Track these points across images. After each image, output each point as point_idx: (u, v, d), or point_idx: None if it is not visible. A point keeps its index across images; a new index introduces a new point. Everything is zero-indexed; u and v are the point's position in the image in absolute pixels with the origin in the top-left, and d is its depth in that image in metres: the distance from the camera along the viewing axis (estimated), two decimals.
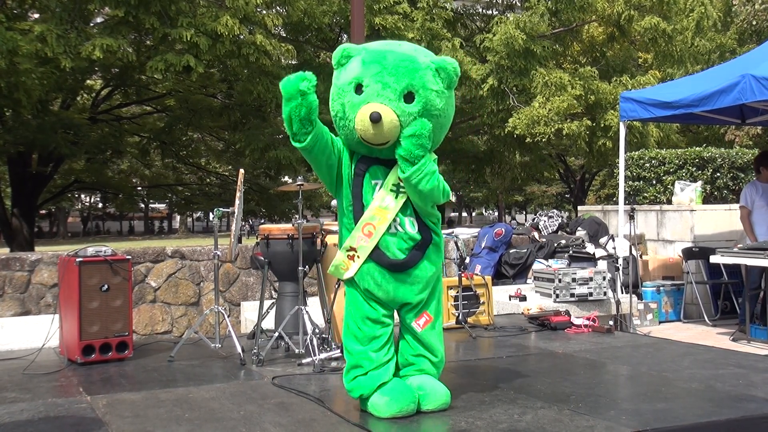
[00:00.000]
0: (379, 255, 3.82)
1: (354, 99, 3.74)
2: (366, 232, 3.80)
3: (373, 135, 3.69)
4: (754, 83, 6.42)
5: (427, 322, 3.97)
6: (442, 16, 14.14)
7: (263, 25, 12.23)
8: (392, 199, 3.83)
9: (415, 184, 3.73)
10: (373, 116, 3.62)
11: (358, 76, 3.74)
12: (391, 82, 3.70)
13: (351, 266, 3.85)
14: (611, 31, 15.88)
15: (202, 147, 20.19)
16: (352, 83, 3.75)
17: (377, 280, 3.84)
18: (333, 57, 3.89)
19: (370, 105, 3.68)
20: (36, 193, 16.19)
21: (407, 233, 3.85)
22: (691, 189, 9.22)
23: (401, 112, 3.71)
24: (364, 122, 3.67)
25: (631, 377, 4.82)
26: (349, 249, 3.84)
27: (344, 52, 3.85)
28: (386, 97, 3.69)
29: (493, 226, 9.75)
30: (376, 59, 3.77)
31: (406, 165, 3.71)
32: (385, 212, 3.81)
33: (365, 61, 3.77)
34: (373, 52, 3.83)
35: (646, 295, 8.41)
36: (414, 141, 3.68)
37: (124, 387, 4.54)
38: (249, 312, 7.37)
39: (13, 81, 10.49)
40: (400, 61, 3.76)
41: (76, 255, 5.23)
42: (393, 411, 3.75)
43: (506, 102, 13.91)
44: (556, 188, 43.44)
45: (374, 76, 3.71)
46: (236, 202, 5.29)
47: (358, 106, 3.72)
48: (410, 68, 3.75)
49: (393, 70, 3.72)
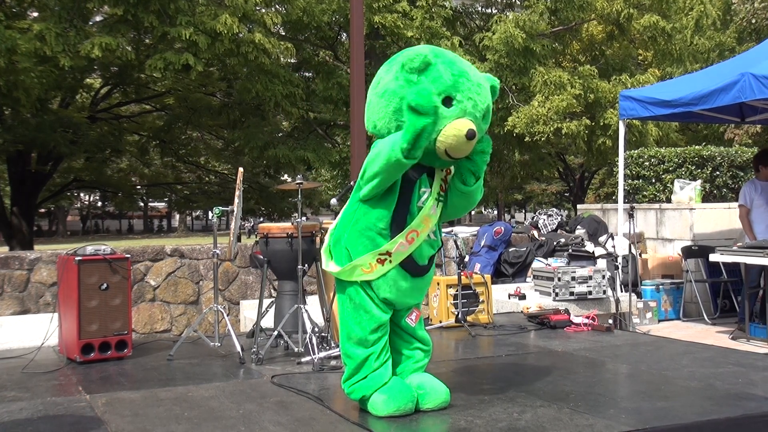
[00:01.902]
0: (410, 261, 3.83)
1: (443, 111, 3.63)
2: (409, 239, 3.79)
3: (463, 150, 3.70)
4: (754, 82, 6.42)
5: (417, 316, 4.05)
6: (441, 15, 14.15)
7: (262, 23, 12.23)
8: (435, 208, 3.87)
9: (472, 194, 3.89)
10: (470, 134, 3.61)
11: (449, 89, 3.65)
12: (479, 101, 3.73)
13: (376, 270, 3.79)
14: (611, 29, 15.89)
15: (202, 145, 20.20)
16: (442, 95, 3.64)
17: (399, 285, 3.83)
18: (410, 61, 3.68)
19: (465, 121, 3.65)
20: (35, 192, 16.20)
21: (437, 241, 3.96)
22: (690, 187, 9.22)
23: (480, 131, 3.77)
24: (458, 137, 3.62)
25: (631, 376, 4.82)
26: (383, 253, 3.78)
27: (425, 58, 3.68)
28: (474, 115, 3.71)
29: (492, 224, 9.75)
30: (461, 74, 3.71)
31: (472, 179, 3.82)
32: (429, 221, 3.84)
33: (454, 75, 3.70)
34: (454, 64, 3.75)
35: (646, 294, 8.41)
36: (484, 158, 3.82)
37: (124, 386, 4.53)
38: (248, 311, 7.37)
39: (12, 80, 10.49)
40: (479, 80, 3.80)
41: (75, 254, 5.22)
42: (391, 409, 3.75)
43: (506, 101, 13.91)
44: (556, 187, 43.46)
45: (466, 92, 3.68)
46: (235, 201, 5.28)
47: (448, 119, 3.65)
48: (486, 88, 3.82)
49: (478, 89, 3.74)
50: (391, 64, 3.86)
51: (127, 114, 18.21)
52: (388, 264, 3.78)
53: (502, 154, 16.85)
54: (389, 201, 3.79)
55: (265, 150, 14.14)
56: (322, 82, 14.27)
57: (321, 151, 14.33)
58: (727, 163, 10.21)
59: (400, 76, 3.73)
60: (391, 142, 3.62)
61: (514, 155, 16.96)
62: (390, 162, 3.60)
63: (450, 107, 3.66)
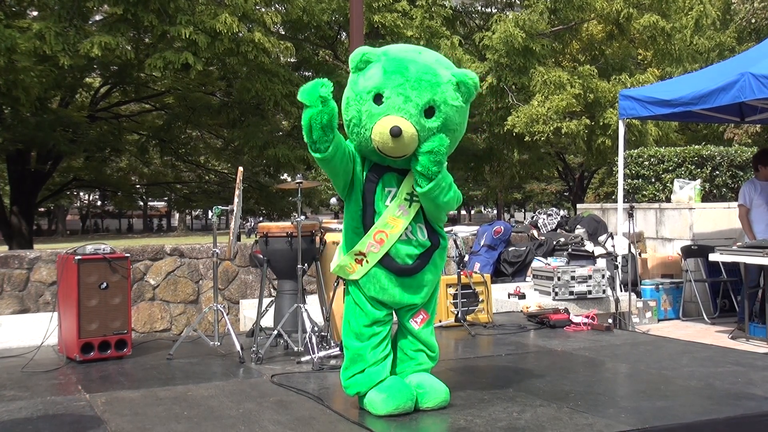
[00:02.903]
0: (389, 261, 3.81)
1: (373, 109, 3.65)
2: (377, 239, 3.78)
3: (391, 148, 3.64)
4: (753, 81, 6.42)
5: (423, 320, 3.98)
6: (441, 14, 14.14)
7: (262, 22, 12.22)
8: (406, 209, 3.81)
9: (433, 198, 3.75)
10: (394, 131, 3.56)
11: (379, 86, 3.65)
12: (413, 96, 3.63)
13: (357, 269, 3.83)
14: (610, 29, 15.87)
15: (201, 145, 20.18)
16: (372, 92, 3.65)
17: (383, 284, 3.82)
18: (351, 60, 3.77)
19: (390, 118, 3.61)
20: (35, 191, 16.19)
21: (418, 240, 3.86)
22: (690, 187, 9.22)
23: (421, 127, 3.66)
24: (383, 135, 3.60)
25: (630, 375, 4.82)
26: (357, 253, 3.80)
27: (363, 56, 3.72)
28: (407, 111, 3.63)
29: (492, 224, 9.74)
30: (397, 69, 3.67)
31: (424, 180, 3.69)
32: (398, 222, 3.79)
33: (387, 70, 3.67)
34: (395, 61, 3.72)
35: (645, 293, 8.41)
36: (431, 158, 3.65)
37: (123, 385, 4.53)
38: (248, 310, 7.37)
39: (11, 79, 10.49)
40: (423, 74, 3.68)
41: (74, 253, 5.22)
42: (390, 408, 3.75)
43: (505, 100, 13.91)
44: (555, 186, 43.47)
45: (396, 87, 3.63)
46: (235, 200, 5.28)
47: (377, 116, 3.64)
48: (432, 82, 3.69)
49: (415, 83, 3.65)
50: None
51: (127, 113, 18.20)
52: (366, 264, 3.80)
53: (502, 153, 16.85)
54: (355, 199, 3.84)
55: (265, 149, 14.12)
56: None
57: None
58: (727, 162, 10.21)
59: (351, 76, 3.83)
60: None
61: (513, 155, 16.95)
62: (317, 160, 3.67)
63: (380, 104, 3.66)
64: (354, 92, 3.74)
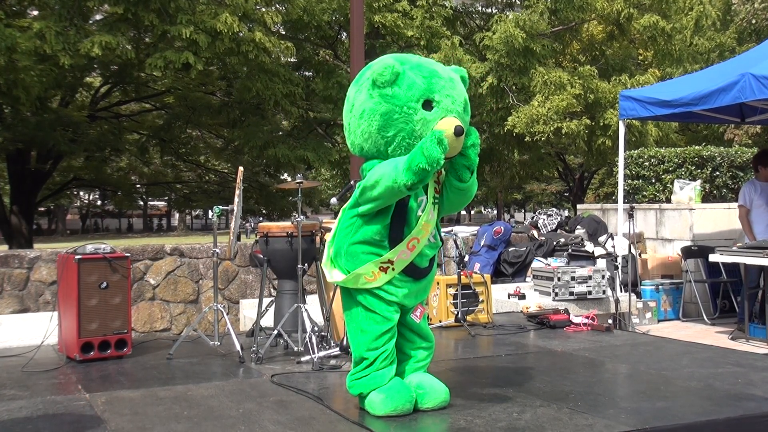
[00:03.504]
0: (412, 267, 3.83)
1: (427, 116, 3.65)
2: (410, 247, 3.79)
3: (454, 148, 3.68)
4: (754, 82, 6.41)
5: (422, 312, 4.06)
6: (441, 14, 14.15)
7: (262, 22, 12.23)
8: (433, 212, 3.85)
9: (469, 190, 3.86)
10: (458, 130, 3.60)
11: (426, 92, 3.66)
12: (455, 95, 3.74)
13: (379, 278, 3.79)
14: (611, 29, 15.88)
15: (201, 144, 20.19)
16: (420, 100, 3.66)
17: (404, 290, 3.84)
18: (379, 75, 3.67)
19: (449, 120, 3.65)
20: (35, 191, 16.20)
21: (437, 242, 3.94)
22: (690, 188, 9.22)
23: (465, 123, 3.77)
24: (448, 137, 3.60)
25: (630, 376, 4.82)
26: (385, 261, 3.77)
27: (393, 69, 3.67)
28: (456, 110, 3.72)
29: (492, 224, 9.74)
30: (432, 73, 3.73)
31: (467, 173, 3.79)
32: (428, 226, 3.83)
33: (424, 76, 3.69)
34: (420, 66, 3.75)
35: (645, 294, 8.41)
36: (475, 151, 3.78)
37: (123, 385, 4.53)
38: (248, 310, 7.37)
39: (12, 78, 10.49)
40: (450, 73, 3.81)
41: (75, 252, 5.22)
42: (388, 409, 3.75)
43: (505, 100, 13.91)
44: (556, 186, 43.46)
45: (441, 90, 3.69)
46: (235, 200, 5.28)
47: (433, 122, 3.65)
48: (458, 81, 3.84)
49: (451, 84, 3.75)
50: (359, 83, 3.84)
51: (127, 113, 18.21)
52: (390, 272, 3.78)
53: (502, 153, 16.85)
54: (384, 215, 3.78)
55: (265, 149, 14.13)
56: (322, 82, 14.27)
57: (321, 150, 14.33)
58: (727, 163, 10.21)
59: (373, 93, 3.71)
60: (394, 172, 3.58)
61: (513, 155, 16.97)
62: (393, 191, 3.61)
63: (431, 110, 3.67)
64: (396, 105, 3.66)
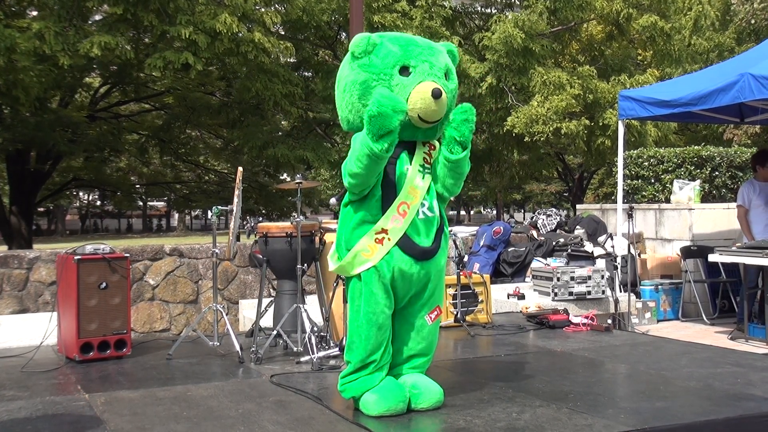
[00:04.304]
0: (410, 244, 3.78)
1: (403, 81, 3.73)
2: (401, 212, 3.77)
3: (434, 111, 3.73)
4: (753, 82, 6.42)
5: (438, 315, 4.01)
6: (440, 14, 14.13)
7: (262, 22, 12.22)
8: (421, 179, 3.85)
9: (461, 166, 3.86)
10: (435, 92, 3.67)
11: (402, 58, 3.75)
12: (434, 61, 3.80)
13: (377, 252, 3.74)
14: (610, 29, 15.87)
15: (201, 145, 20.18)
16: (396, 66, 3.75)
17: (406, 271, 3.79)
18: (356, 46, 3.79)
19: (427, 83, 3.72)
20: (34, 191, 16.19)
21: (435, 215, 3.89)
22: (689, 188, 9.22)
23: (447, 89, 3.80)
24: (425, 100, 3.69)
25: (630, 376, 4.82)
26: (379, 231, 3.75)
27: (370, 39, 3.79)
28: (435, 75, 3.78)
29: (491, 224, 9.75)
30: (408, 42, 3.84)
31: (458, 148, 3.81)
32: (417, 191, 3.82)
33: (401, 45, 3.79)
34: (398, 37, 3.89)
35: (645, 294, 8.41)
36: (469, 126, 3.79)
37: (123, 385, 4.53)
38: (247, 310, 7.37)
39: (11, 78, 10.48)
40: (428, 44, 3.90)
41: (74, 253, 5.22)
42: (382, 409, 3.74)
43: (505, 100, 13.90)
44: (555, 187, 43.47)
45: (418, 56, 3.77)
46: (235, 200, 5.28)
47: (411, 86, 3.73)
48: (438, 50, 3.90)
49: (429, 50, 3.82)
50: (345, 60, 3.97)
51: (127, 113, 18.20)
52: (387, 242, 3.75)
53: (501, 154, 16.84)
54: (374, 191, 3.80)
55: (265, 149, 14.12)
56: (322, 82, 14.26)
57: (320, 150, 14.32)
58: (726, 163, 10.22)
59: (353, 64, 3.84)
60: (362, 143, 3.61)
61: (513, 155, 16.96)
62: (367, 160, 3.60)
63: (408, 75, 3.74)
64: (373, 73, 3.77)
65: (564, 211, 17.68)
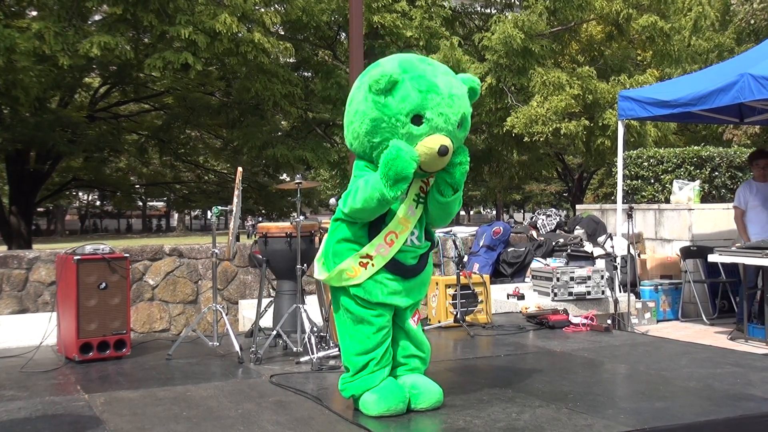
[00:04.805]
0: (396, 264, 3.80)
1: (414, 131, 3.63)
2: (388, 241, 3.77)
3: (436, 166, 3.70)
4: (753, 82, 6.42)
5: (419, 318, 4.06)
6: (440, 15, 14.15)
7: (261, 23, 12.23)
8: (414, 209, 3.84)
9: (451, 207, 3.87)
10: (442, 150, 3.60)
11: (417, 107, 3.61)
12: (450, 113, 3.67)
13: (360, 273, 3.77)
14: (610, 30, 15.88)
15: (200, 145, 20.20)
16: (410, 114, 3.62)
17: (393, 289, 3.81)
18: (375, 81, 3.62)
19: (436, 137, 3.62)
20: (34, 191, 16.21)
21: (422, 243, 3.92)
22: (689, 188, 9.22)
23: (456, 140, 3.74)
24: (430, 155, 3.61)
25: (629, 376, 4.82)
26: (364, 256, 3.76)
27: (390, 77, 3.61)
28: (448, 129, 3.67)
29: (491, 224, 9.74)
30: (430, 87, 3.64)
31: (449, 190, 3.79)
32: (407, 222, 3.82)
33: (420, 90, 3.62)
34: (421, 78, 3.66)
35: (644, 294, 8.41)
36: (462, 170, 3.77)
37: (122, 385, 4.53)
38: (247, 310, 7.37)
39: (11, 79, 10.50)
40: (451, 89, 3.71)
41: (74, 253, 5.22)
42: (381, 409, 3.74)
43: (504, 101, 13.92)
44: (555, 187, 43.49)
45: (435, 107, 3.63)
46: (234, 200, 5.28)
47: (419, 138, 3.64)
48: (460, 96, 3.75)
49: (449, 99, 3.67)
50: (362, 80, 3.81)
51: (126, 113, 18.21)
52: (371, 267, 3.77)
53: (501, 154, 16.86)
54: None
55: (264, 149, 14.13)
56: (321, 82, 14.28)
57: (320, 150, 14.34)
58: (726, 163, 10.22)
59: (368, 96, 3.69)
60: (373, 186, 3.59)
61: (512, 155, 16.97)
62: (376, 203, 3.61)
63: (420, 125, 3.64)
64: (386, 115, 3.64)
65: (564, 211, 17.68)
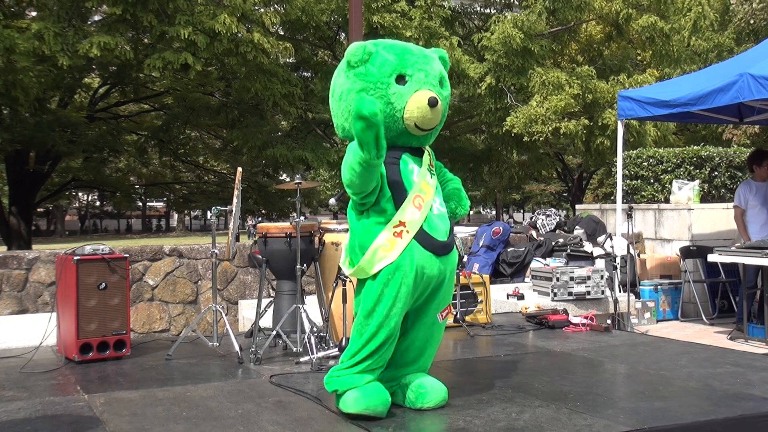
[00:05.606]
0: (428, 239, 3.78)
1: (400, 89, 3.80)
2: (417, 204, 3.80)
3: (430, 119, 3.83)
4: (752, 82, 6.42)
5: (447, 313, 4.06)
6: (440, 15, 14.13)
7: (261, 23, 12.22)
8: (430, 177, 3.95)
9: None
10: (432, 101, 3.76)
11: (398, 67, 3.81)
12: (429, 69, 3.88)
13: (396, 246, 3.71)
14: (609, 30, 15.88)
15: (200, 145, 20.20)
16: (393, 75, 3.80)
17: (426, 266, 3.76)
18: (352, 55, 3.84)
19: (423, 92, 3.80)
20: (34, 191, 16.20)
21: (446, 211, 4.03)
22: (688, 188, 9.23)
23: (441, 97, 3.90)
24: (422, 108, 3.77)
25: (629, 376, 4.82)
26: (397, 224, 3.74)
27: (365, 48, 3.84)
28: (430, 83, 3.86)
29: (491, 224, 9.75)
30: (403, 50, 3.89)
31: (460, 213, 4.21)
32: (429, 187, 3.89)
33: (396, 53, 3.85)
34: (393, 46, 3.93)
35: (644, 294, 8.42)
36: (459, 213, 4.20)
37: (122, 385, 4.53)
38: (247, 310, 7.37)
39: (10, 79, 10.49)
40: (422, 51, 3.97)
41: (73, 253, 5.22)
42: (359, 408, 3.65)
43: (504, 101, 13.91)
44: (554, 187, 43.47)
45: (414, 65, 3.84)
46: (234, 201, 5.28)
47: (408, 94, 3.80)
48: (431, 57, 3.98)
49: (424, 59, 3.91)
50: (338, 69, 4.01)
51: (126, 113, 18.21)
52: (406, 235, 3.74)
53: (501, 154, 16.85)
54: (383, 189, 3.80)
55: (264, 149, 14.12)
56: (321, 82, 14.26)
57: (319, 150, 14.33)
58: (726, 163, 10.22)
59: (349, 73, 3.89)
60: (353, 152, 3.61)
61: (512, 155, 16.96)
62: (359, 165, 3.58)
63: (404, 84, 3.81)
64: (370, 82, 3.81)
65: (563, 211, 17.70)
